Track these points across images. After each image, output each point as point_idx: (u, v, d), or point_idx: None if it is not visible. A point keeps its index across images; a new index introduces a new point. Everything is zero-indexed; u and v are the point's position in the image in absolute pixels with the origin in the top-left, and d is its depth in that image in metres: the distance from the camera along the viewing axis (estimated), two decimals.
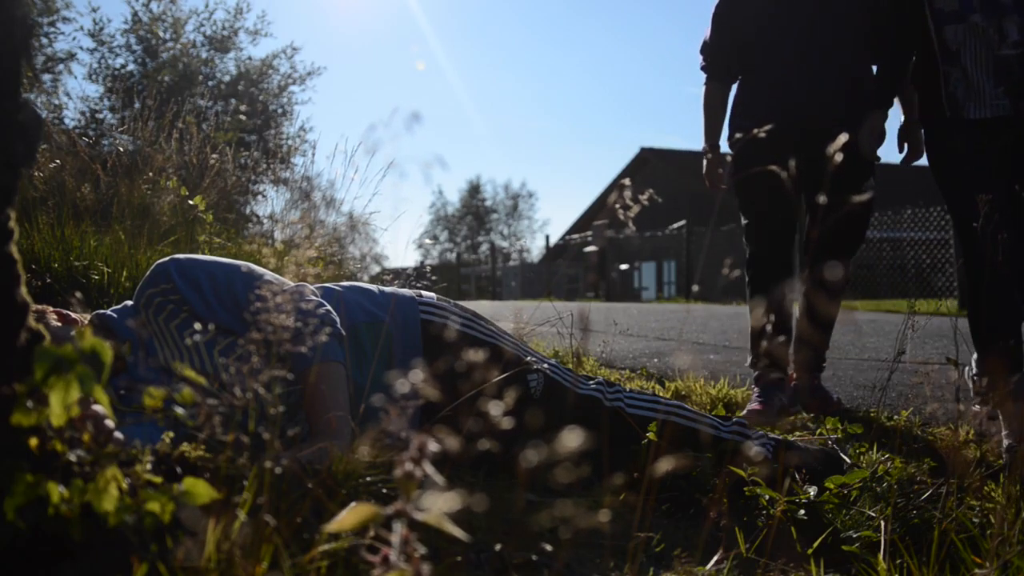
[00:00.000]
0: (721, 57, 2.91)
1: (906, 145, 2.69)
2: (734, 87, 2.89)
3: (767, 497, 1.68)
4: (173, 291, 1.65)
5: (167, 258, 1.70)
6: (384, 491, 1.18)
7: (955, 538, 1.32)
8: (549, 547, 1.25)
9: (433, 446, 0.66)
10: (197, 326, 1.58)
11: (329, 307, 1.67)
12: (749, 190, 2.76)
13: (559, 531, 1.35)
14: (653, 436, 1.87)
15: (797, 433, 2.39)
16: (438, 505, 0.62)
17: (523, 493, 1.54)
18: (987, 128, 2.26)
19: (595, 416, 1.89)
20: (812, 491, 1.68)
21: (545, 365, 1.94)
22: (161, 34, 15.25)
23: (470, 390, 1.51)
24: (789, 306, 2.76)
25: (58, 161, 4.15)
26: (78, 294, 2.34)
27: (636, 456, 1.82)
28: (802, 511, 1.62)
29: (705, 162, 2.92)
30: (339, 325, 1.66)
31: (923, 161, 2.63)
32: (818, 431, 2.34)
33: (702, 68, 2.99)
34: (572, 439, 0.74)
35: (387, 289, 1.91)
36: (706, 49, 2.96)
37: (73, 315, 1.68)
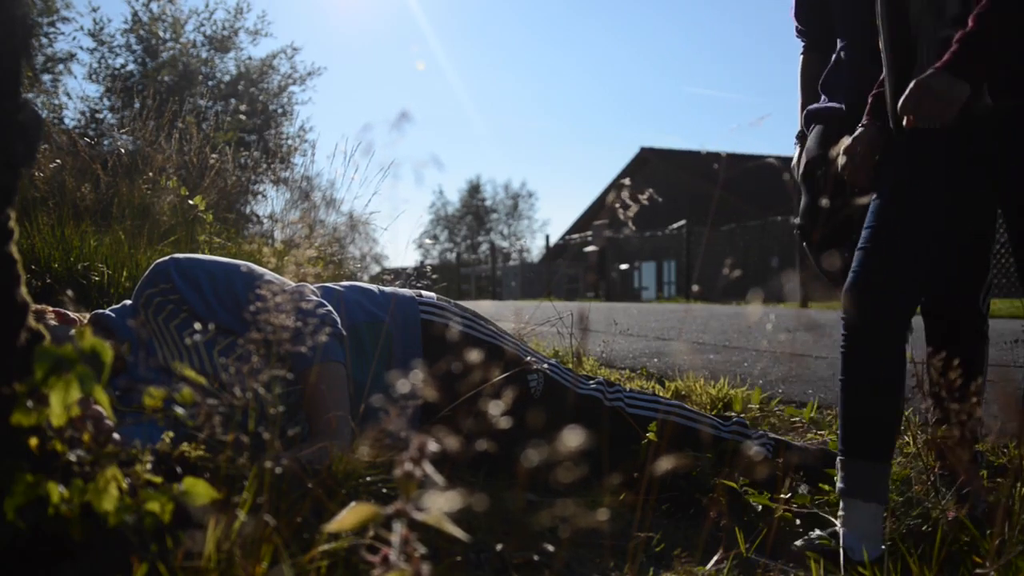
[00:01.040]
0: (813, 20, 2.34)
1: None
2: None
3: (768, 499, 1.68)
4: (173, 291, 1.65)
5: (166, 257, 1.70)
6: (384, 491, 1.18)
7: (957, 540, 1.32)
8: (550, 547, 1.25)
9: (433, 446, 0.66)
10: (197, 326, 1.58)
11: (329, 307, 1.67)
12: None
13: (559, 531, 1.35)
14: (653, 436, 1.87)
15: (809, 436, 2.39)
16: (438, 505, 0.62)
17: (523, 493, 1.54)
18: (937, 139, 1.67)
19: (595, 416, 1.89)
20: (806, 492, 1.69)
21: (545, 365, 1.94)
22: (161, 34, 15.24)
23: (470, 390, 1.51)
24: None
25: (58, 161, 4.15)
26: (69, 292, 2.34)
27: (636, 456, 1.82)
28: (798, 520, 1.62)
29: (795, 152, 2.33)
30: (339, 325, 1.66)
31: None
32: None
33: (797, 34, 2.43)
34: (572, 438, 0.74)
35: (387, 289, 1.91)
36: (792, 10, 2.42)
37: (72, 315, 1.68)
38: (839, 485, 1.59)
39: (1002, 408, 1.30)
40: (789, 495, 1.72)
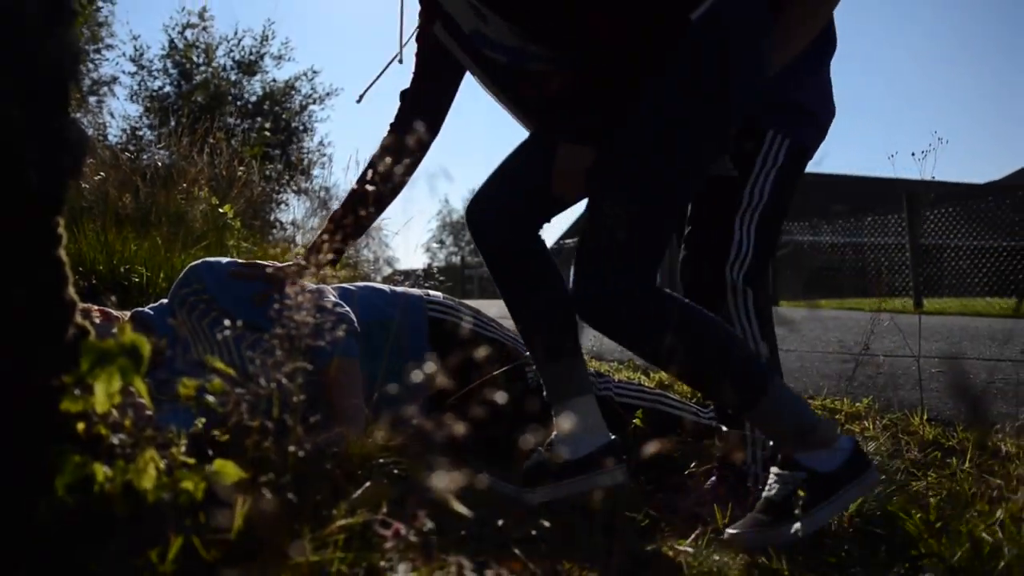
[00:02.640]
0: None
1: None
2: None
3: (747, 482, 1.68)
4: (204, 290, 1.65)
5: (199, 260, 1.70)
6: (396, 472, 1.18)
7: (908, 519, 1.32)
8: (546, 523, 1.25)
9: (440, 432, 0.66)
10: (226, 323, 1.59)
11: (346, 307, 1.67)
12: None
13: (555, 508, 1.35)
14: (639, 422, 1.87)
15: None
16: (444, 484, 0.63)
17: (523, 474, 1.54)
18: None
19: None
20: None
21: None
22: (195, 59, 15.24)
23: (474, 381, 1.51)
24: None
25: (102, 174, 4.15)
26: (113, 298, 2.34)
27: (624, 441, 1.82)
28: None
29: None
30: (355, 323, 1.66)
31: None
32: None
33: None
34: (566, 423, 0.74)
35: (398, 289, 1.92)
36: None
37: (114, 312, 1.68)
38: (549, 397, 1.48)
39: (951, 395, 1.30)
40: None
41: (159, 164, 4.40)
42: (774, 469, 1.36)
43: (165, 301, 1.76)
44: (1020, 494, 1.32)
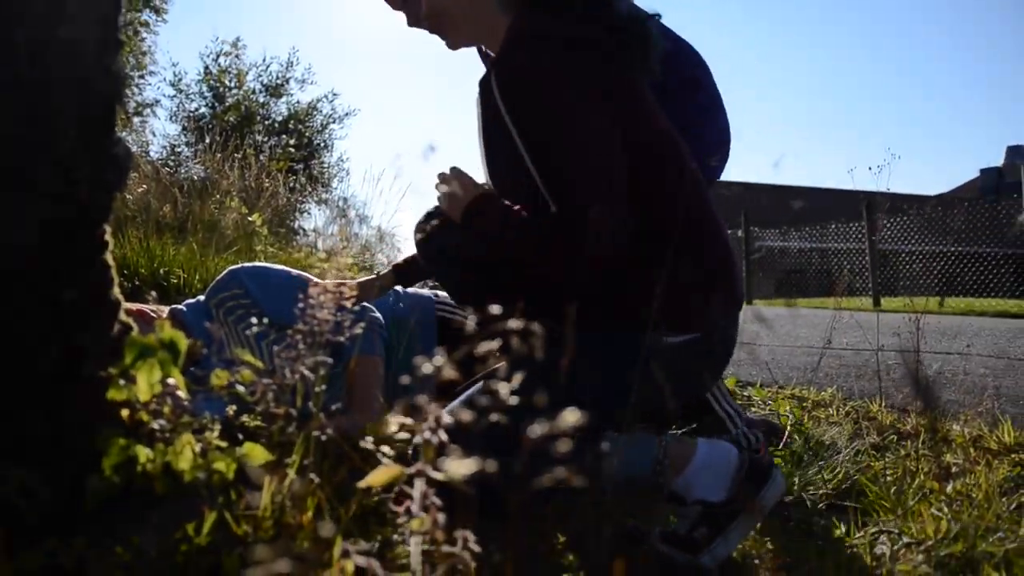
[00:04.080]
0: None
1: None
2: None
3: None
4: (245, 295, 1.65)
5: (238, 266, 1.70)
6: (407, 455, 1.18)
7: (869, 490, 1.32)
8: (544, 502, 1.25)
9: (448, 418, 0.66)
10: (253, 320, 1.59)
11: (377, 313, 1.68)
12: None
13: (556, 488, 1.35)
14: None
15: (754, 409, 2.39)
16: (452, 466, 0.63)
17: (525, 457, 1.54)
18: None
19: None
20: None
21: None
22: (227, 83, 15.26)
23: (480, 374, 1.50)
24: None
25: (145, 186, 4.15)
26: (153, 293, 2.34)
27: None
28: None
29: None
30: (384, 327, 1.67)
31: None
32: (771, 407, 2.34)
33: None
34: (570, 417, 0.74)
35: (410, 290, 1.91)
36: None
37: (152, 311, 1.68)
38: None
39: (906, 384, 1.30)
40: None
41: (195, 177, 4.41)
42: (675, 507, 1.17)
43: (201, 298, 1.75)
44: (965, 473, 1.32)
